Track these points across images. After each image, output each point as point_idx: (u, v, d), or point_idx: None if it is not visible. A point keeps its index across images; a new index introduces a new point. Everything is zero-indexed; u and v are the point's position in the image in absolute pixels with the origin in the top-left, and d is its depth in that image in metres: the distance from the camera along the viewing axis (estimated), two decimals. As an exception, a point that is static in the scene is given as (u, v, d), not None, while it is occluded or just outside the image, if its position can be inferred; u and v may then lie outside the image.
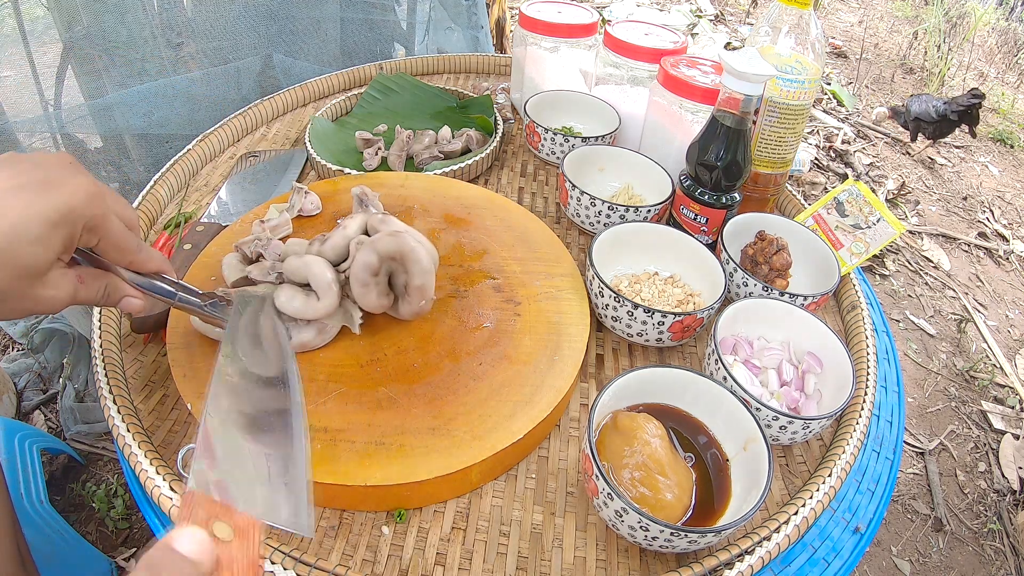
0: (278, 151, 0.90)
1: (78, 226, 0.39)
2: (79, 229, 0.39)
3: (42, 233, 0.37)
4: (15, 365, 1.20)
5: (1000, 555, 1.23)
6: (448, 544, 0.50)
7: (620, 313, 0.62)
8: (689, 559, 0.49)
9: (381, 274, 0.56)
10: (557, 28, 0.93)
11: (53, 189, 0.38)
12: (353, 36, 1.26)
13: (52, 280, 0.40)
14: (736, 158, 0.67)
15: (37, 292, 0.39)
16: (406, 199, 0.76)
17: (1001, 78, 3.17)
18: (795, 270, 0.70)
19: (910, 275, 1.88)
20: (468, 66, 1.17)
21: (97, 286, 0.44)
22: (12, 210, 0.36)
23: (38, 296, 0.39)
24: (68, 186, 0.38)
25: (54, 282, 0.40)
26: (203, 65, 1.03)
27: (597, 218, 0.75)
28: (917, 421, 1.47)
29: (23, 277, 0.38)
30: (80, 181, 0.39)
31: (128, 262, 0.45)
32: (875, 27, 3.58)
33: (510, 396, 0.56)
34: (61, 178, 0.39)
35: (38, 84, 0.94)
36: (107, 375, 0.56)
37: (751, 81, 0.62)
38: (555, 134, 0.86)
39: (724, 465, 0.53)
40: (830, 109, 2.61)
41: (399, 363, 0.58)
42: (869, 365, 0.64)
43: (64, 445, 1.05)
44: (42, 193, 0.37)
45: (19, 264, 0.37)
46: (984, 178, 2.38)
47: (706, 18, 3.25)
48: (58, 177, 0.39)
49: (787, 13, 0.73)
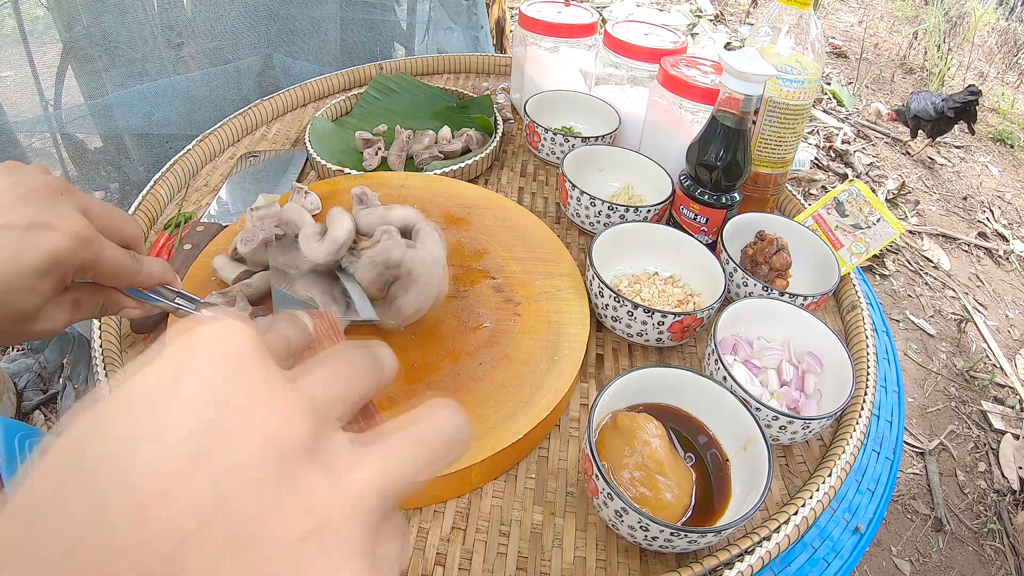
0: (278, 151, 0.90)
1: (68, 272, 0.38)
2: (69, 274, 0.38)
3: (30, 284, 0.36)
4: (15, 365, 1.20)
5: (1000, 555, 1.23)
6: (448, 544, 0.50)
7: (620, 313, 0.62)
8: (689, 559, 0.49)
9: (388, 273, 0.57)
10: (557, 28, 0.93)
11: (41, 234, 0.36)
12: (353, 36, 1.26)
13: (46, 315, 0.39)
14: (736, 158, 0.67)
15: (31, 328, 0.38)
16: (406, 199, 0.76)
17: (1001, 78, 3.17)
18: (795, 270, 0.70)
19: (910, 275, 1.88)
20: (468, 66, 1.17)
21: (94, 303, 0.43)
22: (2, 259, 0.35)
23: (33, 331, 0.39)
24: (57, 231, 0.36)
25: (48, 316, 0.39)
26: (203, 65, 1.03)
27: (597, 218, 0.75)
28: (917, 421, 1.47)
29: (15, 321, 0.37)
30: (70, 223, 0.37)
31: (126, 285, 0.43)
32: (875, 27, 3.58)
33: (510, 396, 0.56)
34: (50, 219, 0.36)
35: (38, 84, 0.94)
36: (107, 375, 0.56)
37: (751, 81, 0.62)
38: (555, 134, 0.86)
39: (724, 465, 0.53)
40: (830, 109, 2.61)
41: (399, 363, 0.57)
42: (869, 365, 0.64)
43: (64, 445, 1.05)
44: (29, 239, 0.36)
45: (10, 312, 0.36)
46: (984, 178, 2.38)
47: (706, 18, 3.25)
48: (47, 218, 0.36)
49: (787, 13, 0.73)
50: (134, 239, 0.44)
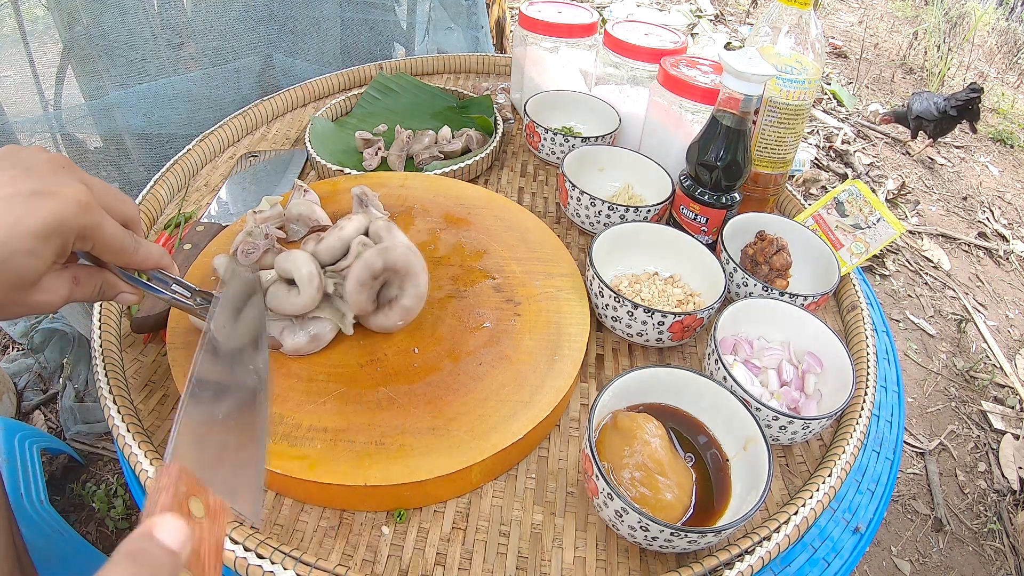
0: (278, 151, 0.90)
1: (69, 237, 0.39)
2: (71, 239, 0.39)
3: (32, 247, 0.37)
4: (15, 365, 1.20)
5: (1000, 555, 1.23)
6: (448, 544, 0.50)
7: (620, 313, 0.62)
8: (689, 559, 0.49)
9: (379, 280, 0.57)
10: (557, 28, 0.93)
11: (44, 200, 0.37)
12: (353, 36, 1.26)
13: (46, 285, 0.40)
14: (736, 158, 0.67)
15: (31, 298, 0.39)
16: (406, 199, 0.76)
17: (1001, 78, 3.17)
18: (795, 270, 0.70)
19: (910, 275, 1.88)
20: (468, 66, 1.17)
21: (92, 284, 0.44)
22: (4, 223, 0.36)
23: (32, 302, 0.39)
24: (59, 196, 0.38)
25: (48, 287, 0.40)
26: (203, 65, 1.03)
27: (597, 218, 0.75)
28: (917, 421, 1.47)
29: (16, 287, 0.38)
30: (72, 190, 0.38)
31: (125, 263, 0.44)
32: (875, 27, 3.58)
33: (510, 396, 0.56)
34: (53, 187, 0.38)
35: (38, 84, 0.94)
36: (107, 375, 0.56)
37: (751, 81, 0.62)
38: (555, 134, 0.86)
39: (724, 465, 0.53)
40: (830, 109, 2.61)
41: (399, 363, 0.58)
42: (869, 365, 0.64)
43: (64, 445, 1.05)
44: (32, 205, 0.37)
45: (11, 276, 0.37)
46: (984, 178, 2.38)
47: (706, 18, 3.25)
48: (49, 186, 0.38)
49: (787, 13, 0.73)
50: (132, 219, 0.45)
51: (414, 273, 0.57)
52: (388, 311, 0.58)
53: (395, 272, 0.56)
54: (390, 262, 0.56)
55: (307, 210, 0.68)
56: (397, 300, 0.57)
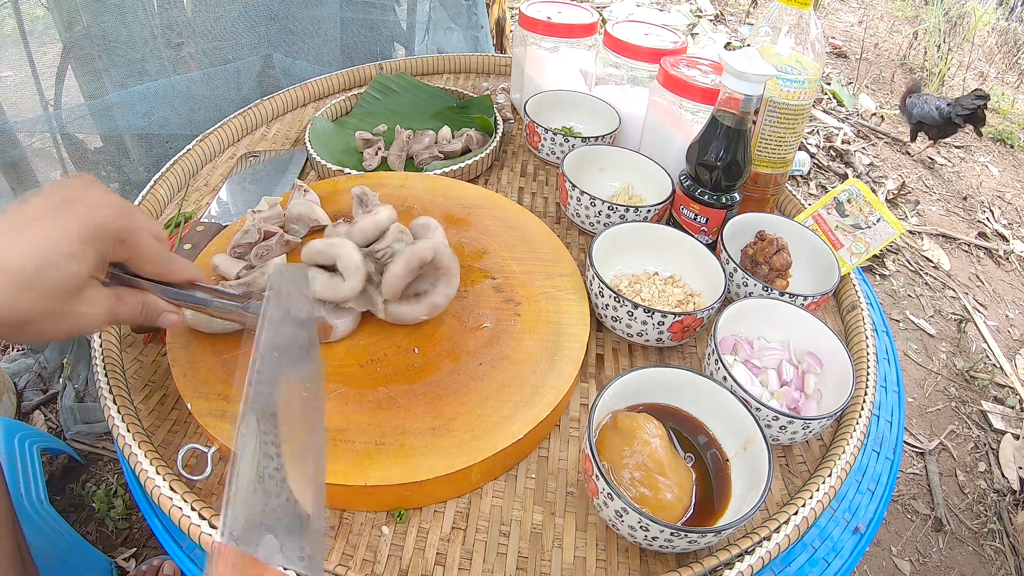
0: (278, 151, 0.90)
1: (109, 240, 0.40)
2: (110, 242, 0.40)
3: (74, 250, 0.38)
4: (15, 365, 1.20)
5: (1000, 555, 1.23)
6: (448, 544, 0.50)
7: (620, 313, 0.62)
8: (689, 559, 0.49)
9: (419, 272, 0.58)
10: (557, 28, 0.93)
11: (80, 206, 0.39)
12: (353, 36, 1.26)
13: (88, 297, 0.40)
14: (736, 158, 0.67)
15: (74, 310, 0.39)
16: (406, 199, 0.76)
17: (1001, 78, 3.17)
18: (795, 270, 0.70)
19: (910, 275, 1.88)
20: (468, 66, 1.17)
21: (134, 303, 0.44)
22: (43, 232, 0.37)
23: (76, 314, 0.40)
24: (93, 202, 0.39)
25: (90, 299, 0.40)
26: (203, 65, 1.03)
27: (597, 218, 0.75)
28: (917, 421, 1.47)
29: (59, 296, 0.38)
30: (105, 196, 0.40)
31: (161, 273, 0.45)
32: (875, 27, 3.58)
33: (510, 396, 0.56)
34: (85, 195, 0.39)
35: (38, 84, 0.94)
36: (107, 375, 0.56)
37: (751, 81, 0.62)
38: (555, 134, 0.86)
39: (724, 465, 0.53)
40: (830, 109, 2.61)
41: (399, 363, 0.58)
42: (869, 365, 0.64)
43: (64, 445, 1.05)
44: (70, 211, 0.38)
45: (55, 283, 0.37)
46: (984, 178, 2.38)
47: (706, 18, 3.25)
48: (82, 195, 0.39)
49: (787, 13, 0.73)
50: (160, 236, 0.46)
51: (452, 274, 0.59)
52: (415, 303, 0.59)
53: (436, 268, 0.58)
54: (439, 258, 0.57)
55: (307, 210, 0.68)
56: (427, 295, 0.59)
